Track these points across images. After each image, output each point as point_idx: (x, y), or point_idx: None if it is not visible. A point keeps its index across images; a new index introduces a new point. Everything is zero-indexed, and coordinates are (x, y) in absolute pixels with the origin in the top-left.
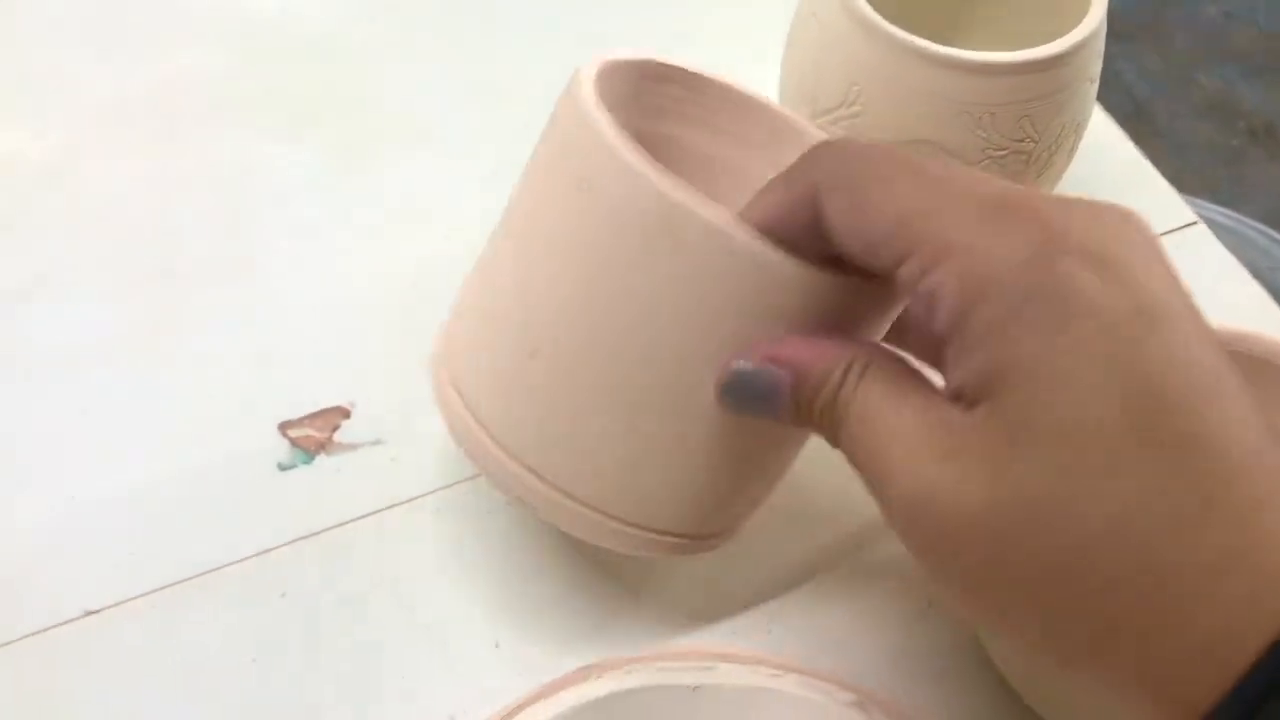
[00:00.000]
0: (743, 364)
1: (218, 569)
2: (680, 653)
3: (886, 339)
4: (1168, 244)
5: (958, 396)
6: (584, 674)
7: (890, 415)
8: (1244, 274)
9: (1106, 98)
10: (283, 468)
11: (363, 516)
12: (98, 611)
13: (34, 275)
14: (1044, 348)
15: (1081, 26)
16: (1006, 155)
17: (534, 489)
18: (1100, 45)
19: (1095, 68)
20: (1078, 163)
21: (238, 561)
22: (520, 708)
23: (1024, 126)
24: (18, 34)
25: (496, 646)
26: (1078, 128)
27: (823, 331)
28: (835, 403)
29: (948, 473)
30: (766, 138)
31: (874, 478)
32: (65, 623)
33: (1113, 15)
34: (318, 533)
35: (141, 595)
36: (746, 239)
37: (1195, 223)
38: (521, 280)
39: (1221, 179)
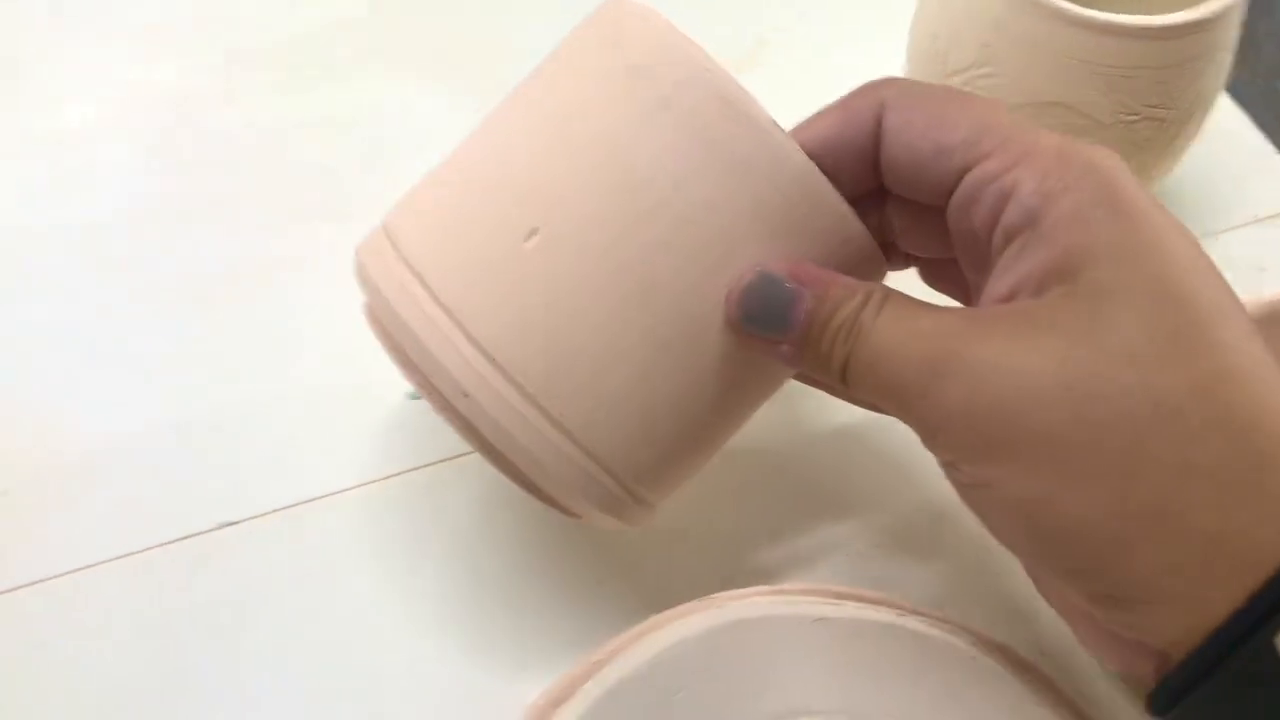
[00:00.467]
0: (768, 268)
1: (350, 489)
2: (806, 589)
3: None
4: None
5: (1013, 294)
6: (708, 603)
7: (924, 320)
8: None
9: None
10: (412, 397)
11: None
12: (235, 523)
13: (169, 204)
14: (1127, 233)
15: None
16: (1138, 121)
17: (485, 381)
18: (1239, 15)
19: (1233, 37)
20: (1201, 137)
21: (380, 480)
22: (651, 629)
23: (1159, 92)
24: None
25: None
26: (1210, 98)
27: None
28: (855, 325)
29: (1015, 348)
30: None
31: (906, 386)
32: (201, 533)
33: None
34: (449, 459)
35: (276, 510)
36: (803, 159)
37: None
38: (536, 150)
39: None
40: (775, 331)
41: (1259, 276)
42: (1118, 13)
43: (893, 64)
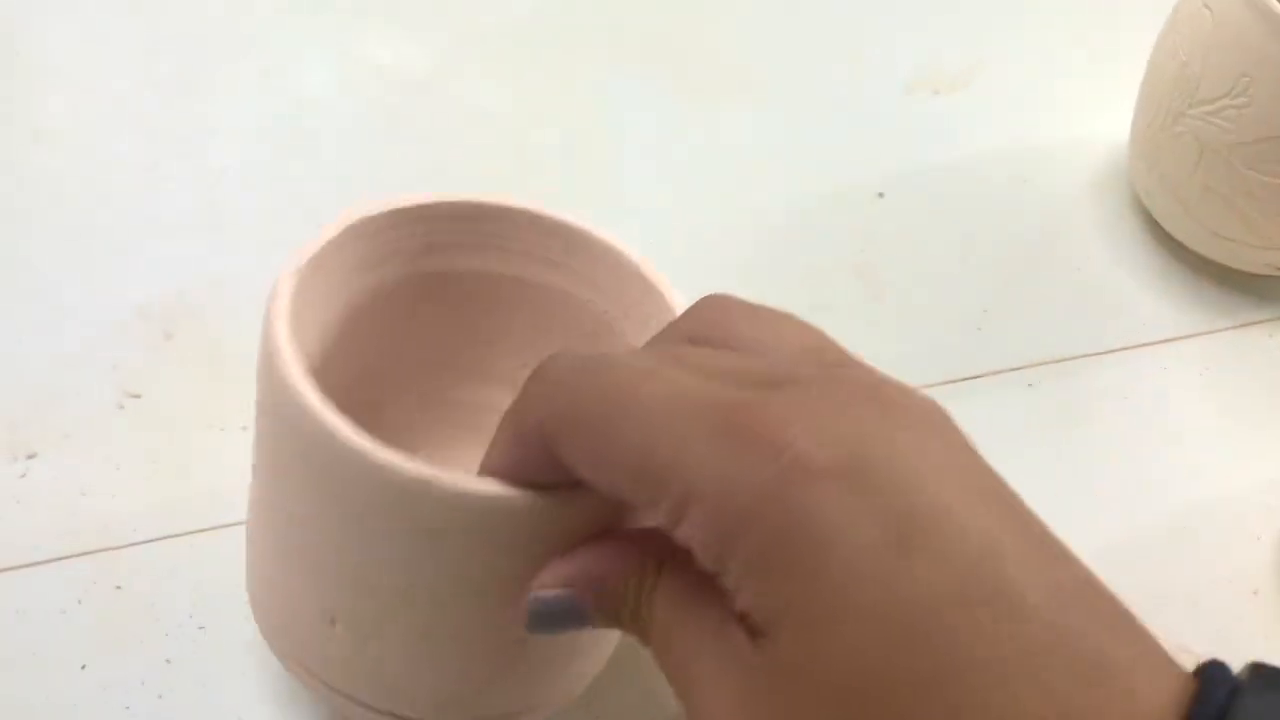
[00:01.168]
0: (539, 593)
1: None
2: None
3: None
4: None
5: (743, 617)
6: None
7: (689, 634)
8: None
9: None
10: None
11: None
12: None
13: (401, 174)
14: (802, 594)
15: None
16: None
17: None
18: None
19: None
20: None
21: None
22: None
23: None
24: None
25: None
26: None
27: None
28: (638, 613)
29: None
30: (562, 254)
31: (681, 694)
32: None
33: None
34: None
35: None
36: (478, 491)
37: None
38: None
39: None
40: (582, 628)
41: None
42: None
43: (1128, 87)
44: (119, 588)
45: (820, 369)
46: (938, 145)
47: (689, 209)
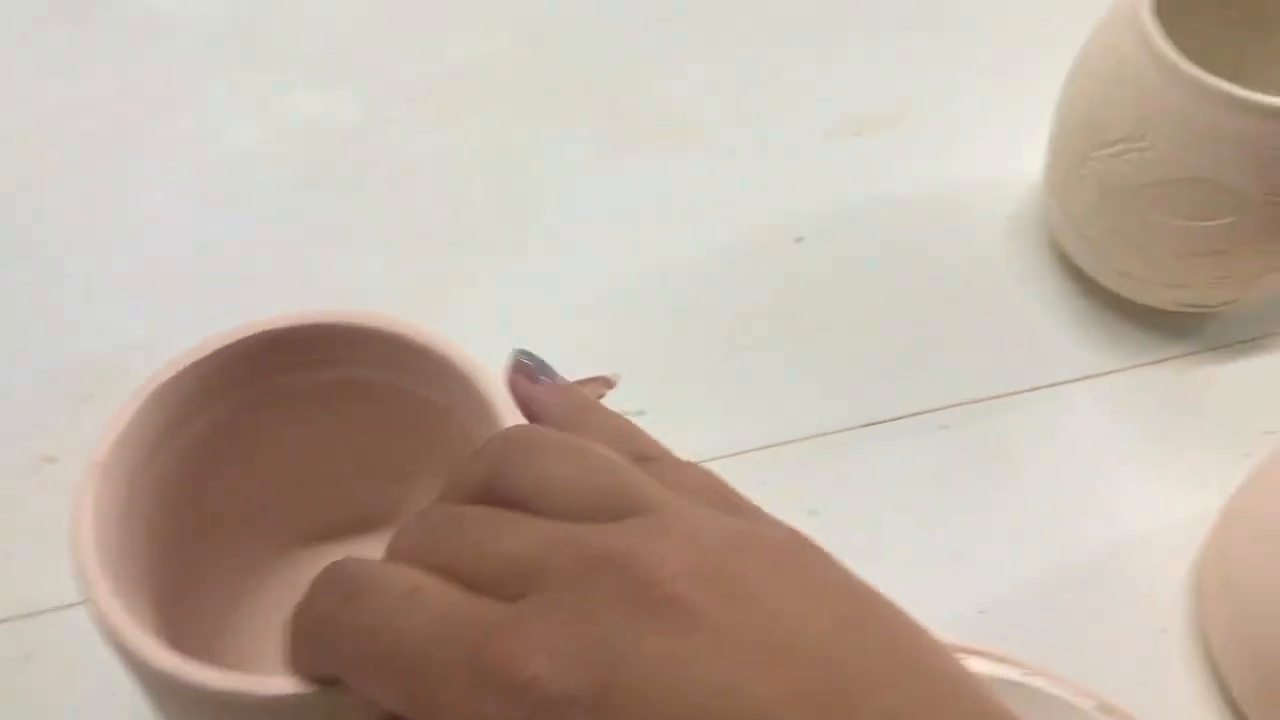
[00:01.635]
0: None
1: None
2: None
3: None
4: None
5: None
6: None
7: None
8: None
9: None
10: None
11: None
12: None
13: (328, 228)
14: None
15: None
16: None
17: None
18: None
19: None
20: None
21: None
22: None
23: None
24: (338, 6)
25: None
26: None
27: None
28: None
29: None
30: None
31: None
32: None
33: None
34: None
35: None
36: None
37: None
38: None
39: None
40: None
41: None
42: (1270, 85)
43: (1032, 129)
44: (29, 657)
45: (577, 558)
46: (858, 187)
47: (615, 256)
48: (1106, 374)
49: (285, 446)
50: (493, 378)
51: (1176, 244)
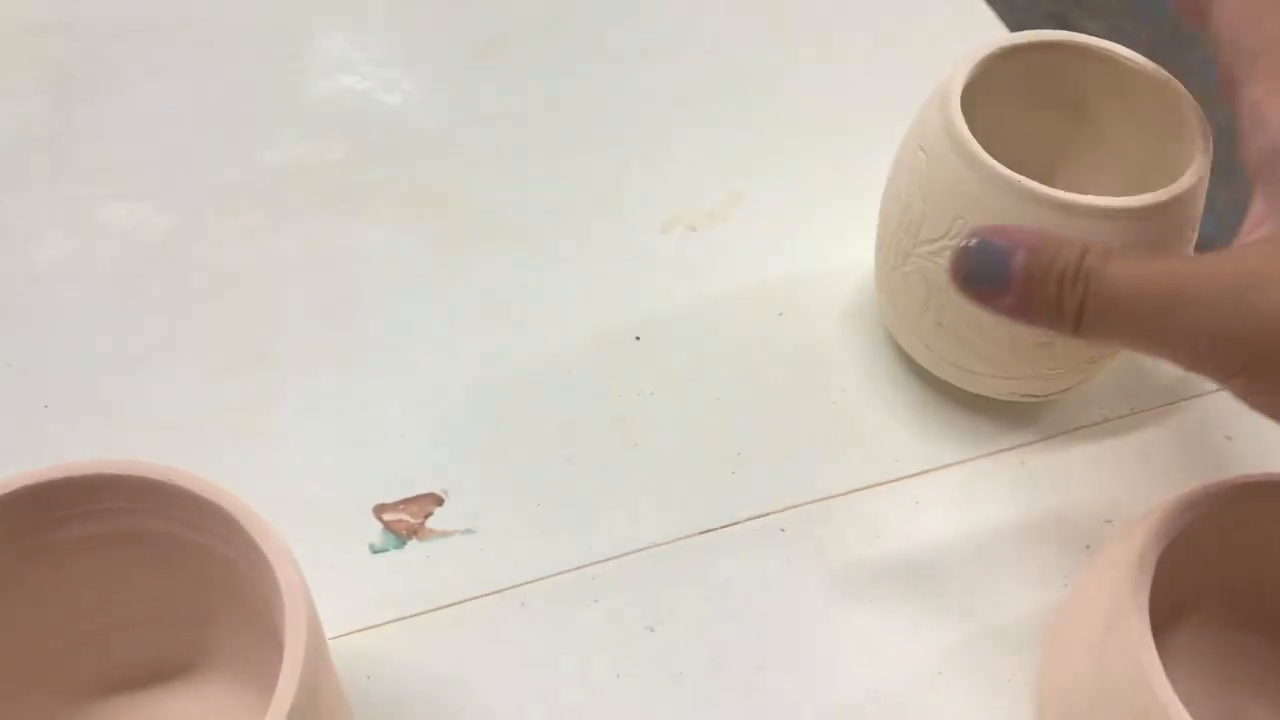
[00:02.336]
0: (972, 240)
1: None
2: None
3: None
4: None
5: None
6: None
7: (1156, 263)
8: None
9: None
10: (375, 550)
11: (450, 605)
12: None
13: (145, 344)
14: None
15: (1188, 174)
16: None
17: None
18: (1204, 191)
19: (1198, 213)
20: None
21: (329, 639)
22: None
23: None
24: (149, 113)
25: None
26: None
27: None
28: (1082, 273)
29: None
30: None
31: (1150, 320)
32: None
33: None
34: (406, 617)
35: None
36: None
37: None
38: None
39: None
40: (998, 288)
41: (1227, 445)
42: (1084, 174)
43: (868, 221)
44: None
45: None
46: (694, 283)
47: (442, 364)
48: (947, 466)
49: (71, 598)
50: (263, 522)
51: (1003, 338)
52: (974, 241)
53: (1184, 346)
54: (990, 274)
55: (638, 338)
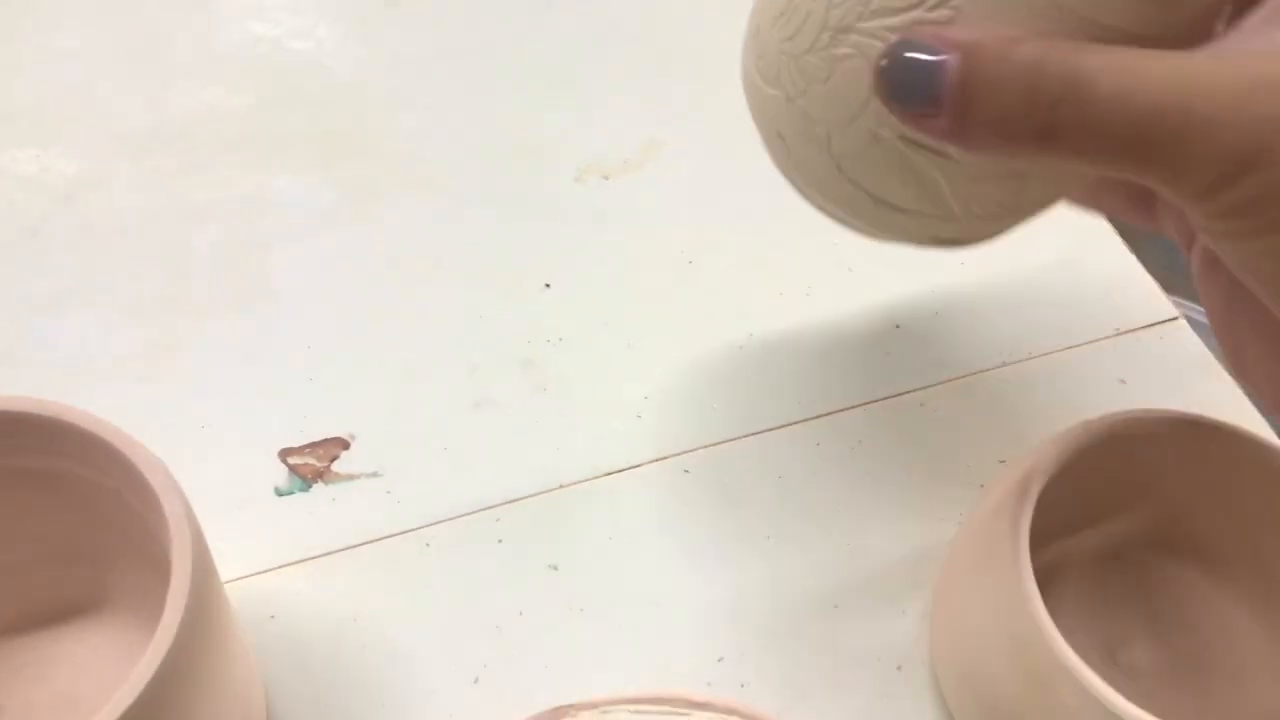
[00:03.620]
0: (903, 38)
1: None
2: (657, 697)
3: None
4: (1150, 337)
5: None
6: (558, 713)
7: (1154, 62)
8: (1218, 368)
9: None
10: (280, 493)
11: (354, 546)
12: None
13: (50, 290)
14: None
15: None
16: None
17: None
18: None
19: None
20: (1068, 251)
21: (231, 581)
22: None
23: None
24: (55, 58)
25: (475, 681)
26: None
27: None
28: (1045, 76)
29: None
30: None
31: (1159, 130)
32: None
33: None
34: (310, 558)
35: None
36: None
37: (1176, 318)
38: None
39: None
40: (928, 108)
41: (1120, 388)
42: None
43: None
44: None
45: None
46: (607, 232)
47: (355, 306)
48: (848, 409)
49: None
50: (149, 454)
51: (970, 159)
52: (886, 58)
53: (1193, 168)
54: (917, 89)
55: (548, 285)
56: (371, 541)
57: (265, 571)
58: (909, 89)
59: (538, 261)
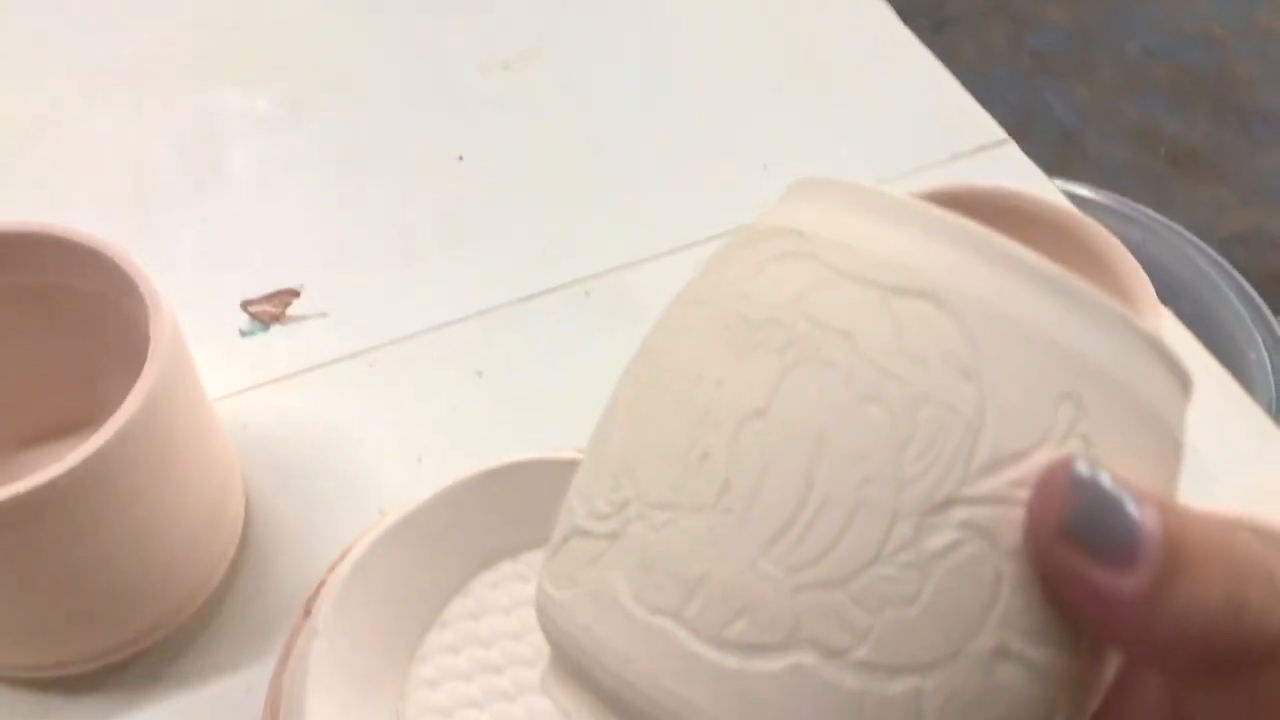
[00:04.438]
0: (1092, 467)
1: None
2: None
3: None
4: (984, 159)
5: None
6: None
7: None
8: (1050, 186)
9: (1036, 128)
10: (244, 334)
11: (311, 369)
12: None
13: (30, 204)
14: None
15: None
16: None
17: None
18: None
19: None
20: (895, 83)
21: (214, 400)
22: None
23: None
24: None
25: (419, 460)
26: None
27: None
28: (1266, 575)
29: None
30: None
31: None
32: None
33: (1043, 51)
34: (274, 380)
35: None
36: None
37: (1006, 140)
38: None
39: (1148, 200)
40: (1116, 552)
41: None
42: None
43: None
44: None
45: None
46: (511, 113)
47: (299, 187)
48: (720, 235)
49: None
50: (134, 263)
51: None
52: (1082, 475)
53: None
54: (1112, 530)
55: (461, 157)
56: (325, 364)
57: (238, 393)
58: (1101, 526)
59: (450, 139)
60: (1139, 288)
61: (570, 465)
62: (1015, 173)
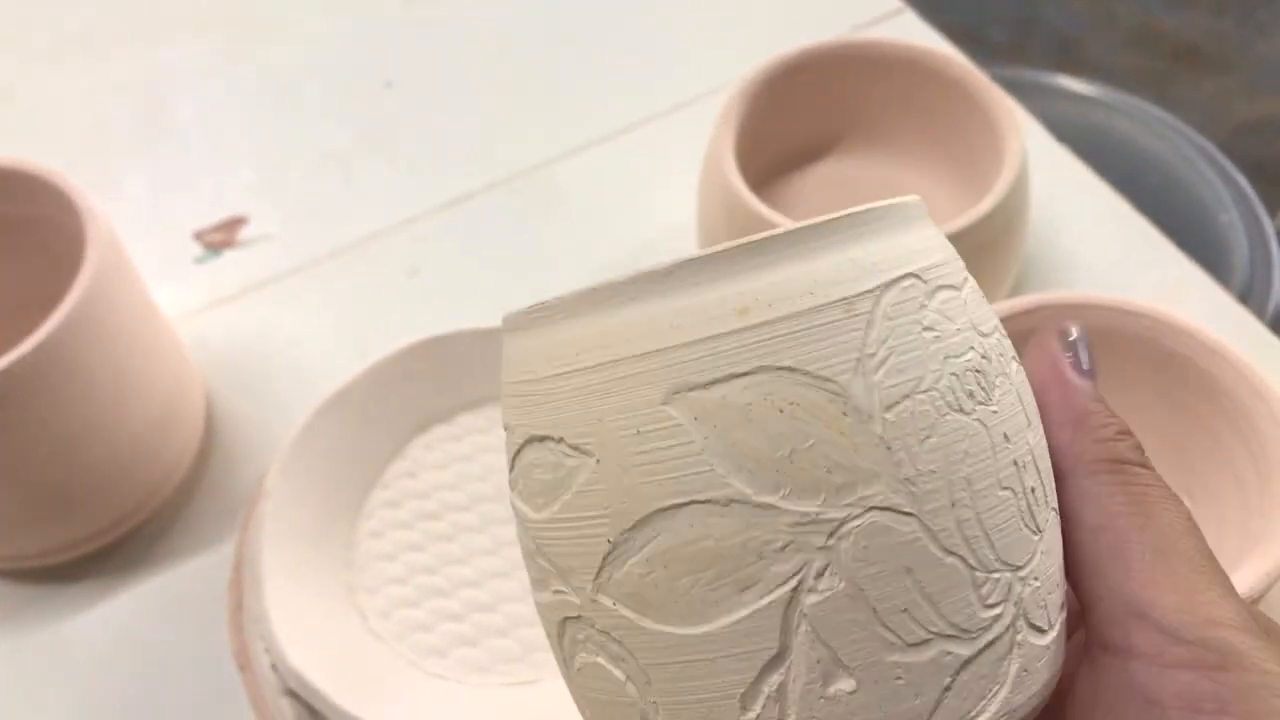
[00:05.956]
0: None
1: None
2: None
3: None
4: (885, 30)
5: None
6: None
7: None
8: (938, 37)
9: (1037, 40)
10: (198, 260)
11: (263, 284)
12: None
13: None
14: None
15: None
16: None
17: None
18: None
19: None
20: None
21: (175, 320)
22: None
23: None
24: None
25: (363, 356)
26: None
27: None
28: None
29: None
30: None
31: None
32: None
33: None
34: (230, 297)
35: None
36: None
37: (903, 10)
38: None
39: (1153, 100)
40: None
41: None
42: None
43: None
44: None
45: None
46: (433, 38)
47: (239, 124)
48: (664, 114)
49: None
50: (77, 186)
51: None
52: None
53: None
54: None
55: (389, 83)
56: (274, 280)
57: (197, 312)
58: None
59: (379, 66)
60: (1004, 115)
61: (489, 333)
62: (916, 38)
